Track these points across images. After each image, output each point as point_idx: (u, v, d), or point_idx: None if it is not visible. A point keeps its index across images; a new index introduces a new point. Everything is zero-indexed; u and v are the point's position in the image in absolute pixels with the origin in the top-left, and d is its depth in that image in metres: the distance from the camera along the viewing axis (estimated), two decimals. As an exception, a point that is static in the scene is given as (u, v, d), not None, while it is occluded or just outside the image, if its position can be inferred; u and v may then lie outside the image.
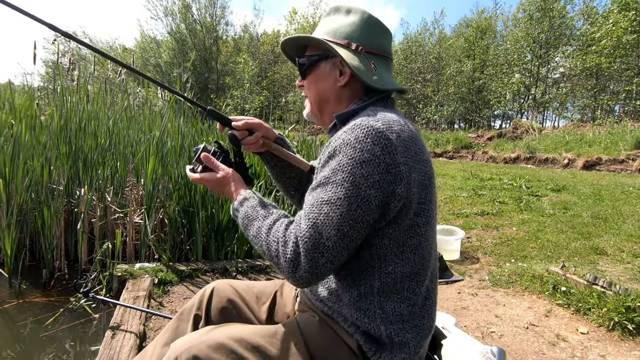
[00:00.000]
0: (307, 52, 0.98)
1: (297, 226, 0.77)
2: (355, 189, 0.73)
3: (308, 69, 0.95)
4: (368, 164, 0.73)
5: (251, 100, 14.92)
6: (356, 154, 0.73)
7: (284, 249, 0.76)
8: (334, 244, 0.73)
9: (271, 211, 0.86)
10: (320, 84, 0.95)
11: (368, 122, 0.76)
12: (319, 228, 0.73)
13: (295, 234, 0.76)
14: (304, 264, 0.73)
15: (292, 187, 1.17)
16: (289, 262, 0.74)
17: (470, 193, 5.92)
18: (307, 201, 0.78)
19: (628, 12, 14.12)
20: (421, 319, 0.84)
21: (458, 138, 14.30)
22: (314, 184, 0.80)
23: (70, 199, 2.97)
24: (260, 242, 0.81)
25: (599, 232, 3.83)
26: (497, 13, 25.41)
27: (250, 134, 1.04)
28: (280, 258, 0.76)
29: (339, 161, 0.75)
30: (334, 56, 0.91)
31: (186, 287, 2.43)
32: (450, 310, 2.32)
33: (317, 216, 0.74)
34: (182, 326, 1.03)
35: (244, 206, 0.88)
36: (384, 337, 0.80)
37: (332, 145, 0.78)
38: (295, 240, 0.75)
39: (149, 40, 27.19)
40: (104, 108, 3.71)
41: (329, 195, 0.75)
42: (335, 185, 0.74)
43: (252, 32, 31.55)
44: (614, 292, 2.20)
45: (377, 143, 0.73)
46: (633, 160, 8.85)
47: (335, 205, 0.73)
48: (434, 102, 23.83)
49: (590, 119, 17.51)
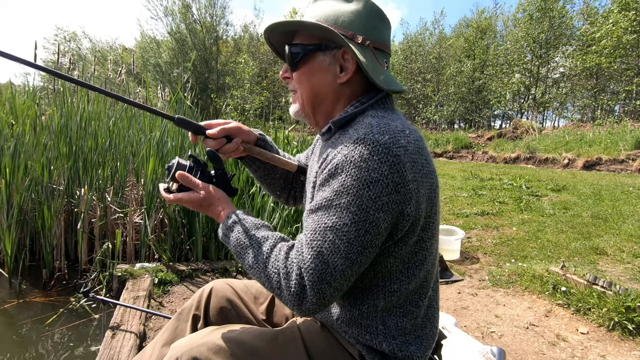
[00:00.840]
0: (297, 39, 0.85)
1: (300, 255, 0.70)
2: (363, 213, 0.66)
3: (302, 59, 0.83)
4: (375, 185, 0.66)
5: (251, 100, 14.92)
6: (362, 174, 0.66)
7: (286, 282, 0.69)
8: (342, 273, 0.67)
9: (266, 235, 0.77)
10: (315, 79, 0.83)
11: (373, 137, 0.68)
12: (325, 257, 0.67)
13: (298, 264, 0.69)
14: (310, 297, 0.67)
15: (277, 188, 1.12)
16: (294, 296, 0.68)
17: (470, 193, 5.92)
18: (309, 226, 0.71)
19: (628, 12, 14.12)
20: (423, 328, 0.82)
21: (458, 138, 14.30)
22: (313, 206, 0.72)
23: (71, 199, 2.97)
24: (258, 272, 0.74)
25: (599, 232, 3.83)
26: (497, 13, 25.43)
27: (228, 140, 0.94)
28: (284, 291, 0.70)
29: (343, 182, 0.68)
30: (335, 48, 0.81)
31: (186, 287, 2.43)
32: (450, 310, 2.32)
33: (321, 244, 0.68)
34: (181, 326, 1.03)
35: (235, 231, 0.80)
36: (386, 352, 0.78)
37: (333, 162, 0.70)
38: (298, 272, 0.69)
39: (149, 40, 27.20)
40: (104, 108, 3.71)
41: (333, 221, 0.68)
42: (340, 210, 0.67)
43: (252, 32, 31.55)
44: (614, 292, 2.20)
45: (384, 161, 0.66)
46: (633, 160, 8.85)
47: (342, 232, 0.67)
48: (434, 102, 23.83)
49: (590, 119, 17.52)
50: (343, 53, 0.81)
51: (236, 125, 0.96)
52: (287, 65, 0.87)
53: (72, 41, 27.80)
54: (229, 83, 21.64)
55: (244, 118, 10.98)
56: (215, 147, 0.92)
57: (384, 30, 0.84)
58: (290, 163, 1.03)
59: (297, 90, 0.87)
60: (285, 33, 0.87)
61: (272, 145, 1.07)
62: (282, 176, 1.10)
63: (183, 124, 0.90)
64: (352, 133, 0.73)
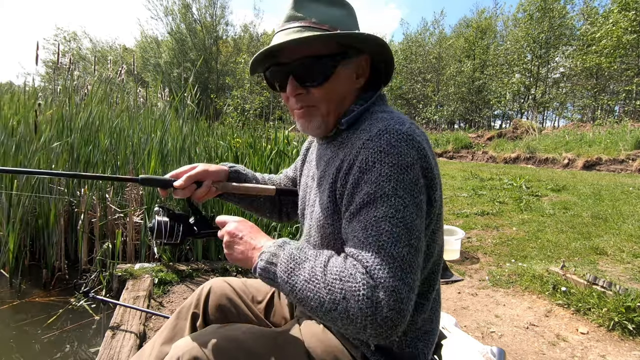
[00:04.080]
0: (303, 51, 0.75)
1: (357, 257, 0.62)
2: (410, 196, 0.64)
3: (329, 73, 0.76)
4: (412, 168, 0.65)
5: (251, 100, 14.92)
6: (396, 159, 0.65)
7: (351, 285, 0.58)
8: (410, 264, 0.60)
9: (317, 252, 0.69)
10: (341, 89, 0.79)
11: (394, 127, 0.68)
12: (388, 250, 0.60)
13: (359, 265, 0.60)
14: (384, 299, 0.57)
15: (267, 211, 1.11)
16: (365, 301, 0.57)
17: (470, 193, 5.92)
18: (356, 231, 0.65)
19: (628, 12, 14.13)
20: (430, 323, 0.82)
21: (458, 138, 14.31)
22: (353, 209, 0.67)
23: (71, 199, 2.97)
24: (316, 286, 0.62)
25: (599, 232, 3.83)
26: (497, 13, 25.46)
27: (199, 185, 0.92)
28: (350, 299, 0.58)
29: (380, 171, 0.65)
30: (355, 55, 0.78)
31: (186, 287, 2.43)
32: (450, 310, 2.32)
33: (378, 237, 0.61)
34: (180, 325, 1.03)
35: (286, 249, 0.69)
36: (394, 349, 0.78)
37: (360, 159, 0.68)
38: (363, 271, 0.59)
39: (150, 40, 27.21)
40: (105, 109, 3.71)
41: (383, 211, 0.62)
42: (387, 198, 0.63)
43: (252, 32, 31.56)
44: (614, 292, 2.20)
45: (412, 146, 0.66)
46: (633, 160, 8.85)
47: (396, 219, 0.61)
48: (434, 102, 23.85)
49: (590, 119, 17.52)
50: (362, 60, 0.80)
51: (202, 168, 0.94)
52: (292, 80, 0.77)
53: (72, 41, 27.84)
54: (229, 83, 21.64)
55: (244, 118, 10.99)
56: (186, 195, 0.91)
57: None
58: (267, 189, 1.01)
59: (318, 104, 0.79)
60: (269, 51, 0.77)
61: (247, 172, 1.05)
62: (267, 199, 1.09)
63: (148, 183, 0.90)
64: (368, 128, 0.72)
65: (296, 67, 0.76)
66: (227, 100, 15.85)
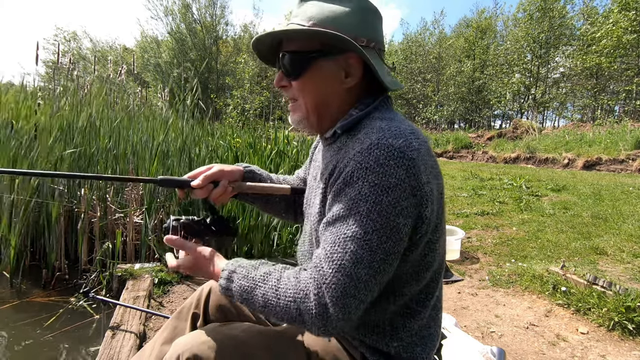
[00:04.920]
0: (291, 45, 0.80)
1: (319, 271, 0.66)
2: (383, 220, 0.64)
3: (304, 68, 0.78)
4: (394, 190, 0.64)
5: (251, 100, 14.92)
6: (379, 179, 0.65)
7: (305, 306, 0.66)
8: (366, 283, 0.65)
9: (267, 271, 0.74)
10: (320, 87, 0.80)
11: (387, 141, 0.67)
12: (348, 270, 0.64)
13: (316, 281, 0.66)
14: (334, 314, 0.64)
15: (282, 211, 1.10)
16: (316, 317, 0.64)
17: (470, 193, 5.92)
18: (326, 239, 0.69)
19: (628, 11, 14.13)
20: (428, 328, 0.81)
21: (458, 138, 14.31)
22: (329, 218, 0.70)
23: (71, 199, 2.97)
24: (272, 310, 0.70)
25: (599, 232, 3.83)
26: (497, 13, 25.44)
27: (215, 185, 0.93)
28: (305, 316, 0.66)
29: (359, 189, 0.66)
30: (337, 53, 0.77)
31: (186, 287, 2.43)
32: (450, 310, 2.32)
33: (342, 256, 0.65)
34: (180, 325, 1.03)
35: (235, 281, 0.75)
36: (392, 354, 0.78)
37: (347, 170, 0.68)
38: (317, 291, 0.65)
39: (150, 40, 27.22)
40: (105, 109, 3.71)
41: (352, 231, 0.65)
42: (360, 218, 0.65)
43: (252, 32, 31.52)
44: (614, 292, 2.20)
45: (400, 165, 0.65)
46: (633, 160, 8.85)
47: (363, 241, 0.64)
48: (434, 102, 23.85)
49: (590, 119, 17.52)
50: (347, 58, 0.78)
51: (218, 168, 0.95)
52: (281, 72, 0.82)
53: (72, 41, 27.85)
54: (229, 83, 21.64)
55: (244, 118, 10.99)
56: (203, 196, 0.92)
57: (380, 27, 0.82)
58: (282, 188, 1.01)
59: (298, 98, 0.83)
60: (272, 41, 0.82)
61: (261, 172, 1.05)
62: (282, 198, 1.08)
63: (167, 183, 0.91)
64: (362, 138, 0.72)
65: (282, 59, 0.80)
66: (227, 100, 15.85)
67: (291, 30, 0.78)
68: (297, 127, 0.87)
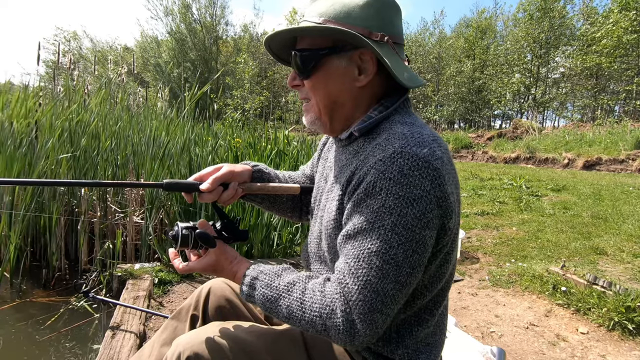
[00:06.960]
0: (303, 43, 0.78)
1: (344, 287, 0.65)
2: (409, 233, 0.62)
3: (315, 66, 0.75)
4: (419, 202, 0.62)
5: (251, 100, 14.93)
6: (403, 191, 0.62)
7: (332, 321, 0.65)
8: (392, 298, 0.64)
9: (291, 280, 0.72)
10: (331, 85, 0.76)
11: (411, 150, 0.64)
12: (374, 286, 0.63)
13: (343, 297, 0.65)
14: (362, 329, 0.63)
15: (288, 210, 1.07)
16: (344, 333, 0.64)
17: (470, 193, 5.92)
18: (349, 253, 0.66)
19: (628, 11, 14.13)
20: (434, 336, 0.80)
21: (458, 138, 14.33)
22: (350, 230, 0.67)
23: (71, 199, 2.97)
24: (297, 322, 0.69)
25: (599, 232, 3.83)
26: (497, 13, 25.47)
27: (225, 187, 0.89)
28: (331, 331, 0.65)
29: (383, 201, 0.63)
30: (351, 49, 0.74)
31: (186, 287, 2.43)
32: (450, 310, 2.31)
33: (367, 272, 0.63)
34: (179, 326, 1.02)
35: (257, 289, 0.74)
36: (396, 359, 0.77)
37: (368, 180, 0.65)
38: (344, 307, 0.64)
39: (150, 40, 27.23)
40: (105, 109, 3.71)
41: (378, 246, 0.63)
42: (385, 232, 0.63)
43: (252, 32, 31.55)
44: (614, 292, 2.20)
45: (425, 176, 0.62)
46: (633, 160, 8.86)
47: (389, 256, 0.62)
48: (434, 102, 23.86)
49: (590, 119, 17.53)
50: (360, 54, 0.74)
51: (228, 169, 0.89)
52: (294, 71, 0.80)
53: (72, 41, 27.85)
54: (229, 83, 21.65)
55: (244, 118, 11.00)
56: (213, 199, 0.87)
57: (398, 20, 0.78)
58: (292, 187, 0.97)
59: (311, 98, 0.80)
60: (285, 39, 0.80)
61: (269, 171, 1.02)
62: (289, 198, 1.05)
63: (173, 188, 0.84)
64: (384, 144, 0.68)
65: (294, 58, 0.77)
66: (227, 100, 15.85)
67: (298, 28, 0.75)
68: (311, 127, 0.83)
